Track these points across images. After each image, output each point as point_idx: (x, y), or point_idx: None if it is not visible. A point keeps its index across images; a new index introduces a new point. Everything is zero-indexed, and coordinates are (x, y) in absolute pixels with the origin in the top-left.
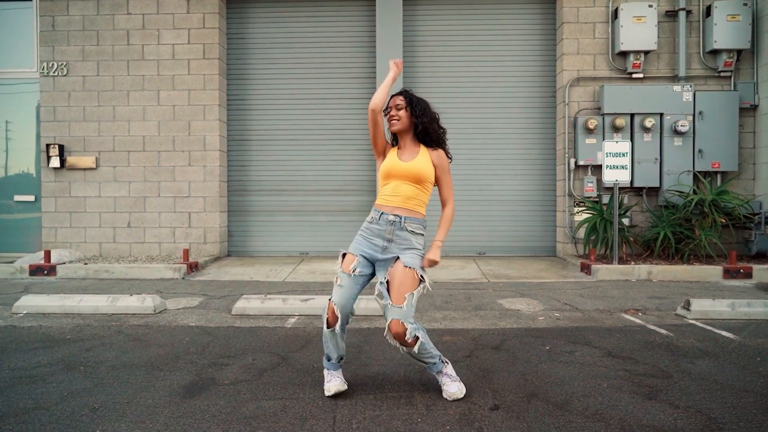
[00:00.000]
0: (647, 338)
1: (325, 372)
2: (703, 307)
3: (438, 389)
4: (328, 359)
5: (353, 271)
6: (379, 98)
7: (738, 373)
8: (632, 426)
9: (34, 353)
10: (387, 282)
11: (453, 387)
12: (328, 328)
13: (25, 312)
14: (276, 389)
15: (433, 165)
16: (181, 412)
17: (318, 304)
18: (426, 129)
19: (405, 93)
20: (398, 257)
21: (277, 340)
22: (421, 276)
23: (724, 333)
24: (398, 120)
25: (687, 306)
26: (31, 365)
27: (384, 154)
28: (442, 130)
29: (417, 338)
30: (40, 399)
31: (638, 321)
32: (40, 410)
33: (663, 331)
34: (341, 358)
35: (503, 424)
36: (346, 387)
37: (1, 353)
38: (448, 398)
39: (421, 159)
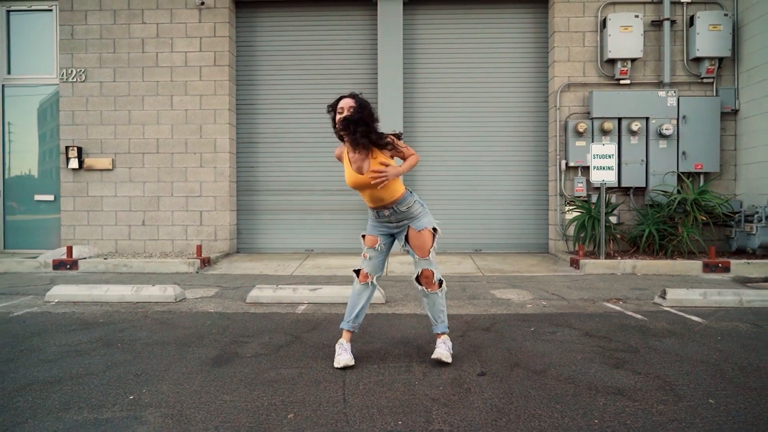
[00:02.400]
0: (623, 322)
1: (338, 345)
2: (677, 295)
3: (432, 362)
4: (347, 318)
5: (378, 247)
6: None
7: (698, 348)
8: (597, 387)
9: (74, 333)
10: (406, 249)
11: (444, 349)
12: (360, 282)
13: (56, 300)
14: (292, 361)
15: (385, 157)
16: (212, 377)
17: (326, 293)
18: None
19: (355, 96)
20: (409, 228)
21: (290, 323)
22: (433, 228)
23: (693, 318)
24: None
25: (663, 295)
26: (74, 342)
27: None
28: (370, 119)
29: (441, 282)
30: (89, 367)
31: (618, 308)
32: (91, 375)
33: (639, 316)
34: (357, 318)
35: (488, 386)
36: (353, 363)
37: (46, 333)
38: (436, 357)
39: (372, 165)
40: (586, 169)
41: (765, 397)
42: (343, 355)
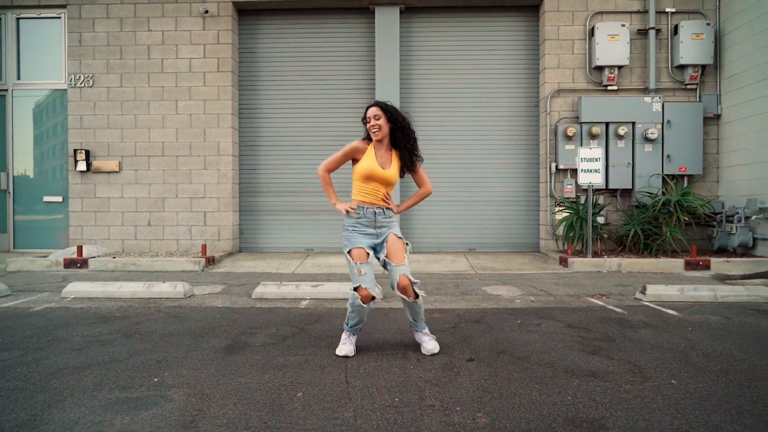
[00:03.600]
0: (604, 315)
1: (344, 336)
2: (656, 291)
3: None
4: (348, 324)
5: (369, 260)
6: (332, 166)
7: (669, 338)
8: (574, 370)
9: (94, 326)
10: (386, 256)
11: (431, 344)
12: (364, 303)
13: (72, 296)
14: (298, 349)
15: (401, 170)
16: (227, 363)
17: (327, 290)
18: (402, 131)
19: (379, 104)
20: (390, 232)
21: (294, 317)
22: (406, 242)
23: (669, 311)
24: (378, 129)
25: (643, 291)
26: (95, 334)
27: (350, 155)
28: (413, 133)
29: (418, 295)
30: (114, 355)
31: (600, 303)
32: (116, 362)
33: (619, 310)
34: (360, 327)
35: (476, 370)
36: (353, 354)
37: (68, 326)
38: (426, 353)
39: (394, 167)
40: (575, 172)
41: (722, 379)
42: (347, 346)
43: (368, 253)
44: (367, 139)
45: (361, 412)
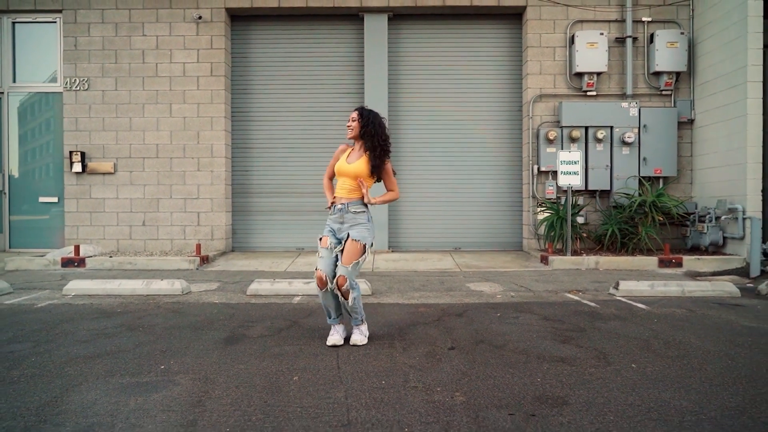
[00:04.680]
0: (578, 309)
1: (331, 328)
2: (629, 287)
3: (411, 341)
4: (329, 316)
5: (329, 246)
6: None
7: (635, 328)
8: (545, 356)
9: (98, 321)
10: (341, 251)
11: (358, 336)
12: (320, 289)
13: (73, 294)
14: (292, 340)
15: (371, 166)
16: (227, 352)
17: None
18: (370, 135)
19: (360, 108)
20: (349, 234)
21: (288, 311)
22: (364, 246)
23: (639, 305)
24: (351, 129)
25: (617, 286)
26: (100, 327)
27: (337, 158)
28: (382, 138)
29: (349, 292)
30: (120, 346)
31: (576, 298)
32: (123, 352)
33: (592, 304)
34: (339, 315)
35: (456, 357)
36: (342, 342)
37: (72, 320)
38: (353, 343)
39: (361, 162)
40: (556, 174)
41: (677, 363)
42: (334, 336)
43: (330, 242)
44: (350, 143)
45: (351, 392)
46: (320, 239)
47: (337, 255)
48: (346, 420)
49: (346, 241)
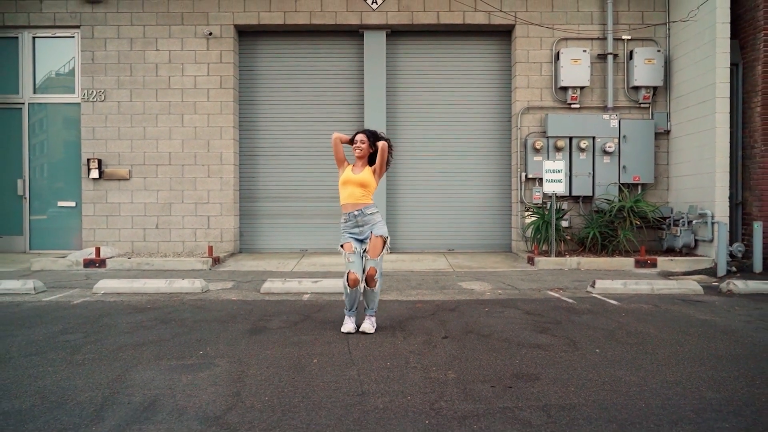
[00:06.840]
0: (557, 304)
1: (345, 318)
2: (604, 285)
3: (410, 331)
4: (348, 308)
5: (354, 250)
6: (344, 138)
7: (604, 321)
8: (524, 344)
9: (133, 315)
10: (365, 250)
11: (368, 325)
12: (351, 287)
13: (103, 292)
14: (308, 330)
15: (374, 174)
16: (253, 341)
17: (325, 285)
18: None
19: (367, 132)
20: (371, 232)
21: (300, 307)
22: (386, 239)
23: (612, 301)
24: (361, 150)
25: (593, 285)
26: (137, 321)
27: (342, 167)
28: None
29: (377, 281)
30: (160, 336)
31: (556, 295)
32: (164, 341)
33: (570, 301)
34: (354, 308)
35: (449, 344)
36: (354, 330)
37: (110, 315)
38: (363, 330)
39: (366, 172)
40: (543, 181)
41: (634, 349)
42: (348, 324)
43: (355, 247)
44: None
45: (362, 371)
46: (342, 246)
47: (362, 258)
48: (360, 391)
49: (369, 240)
